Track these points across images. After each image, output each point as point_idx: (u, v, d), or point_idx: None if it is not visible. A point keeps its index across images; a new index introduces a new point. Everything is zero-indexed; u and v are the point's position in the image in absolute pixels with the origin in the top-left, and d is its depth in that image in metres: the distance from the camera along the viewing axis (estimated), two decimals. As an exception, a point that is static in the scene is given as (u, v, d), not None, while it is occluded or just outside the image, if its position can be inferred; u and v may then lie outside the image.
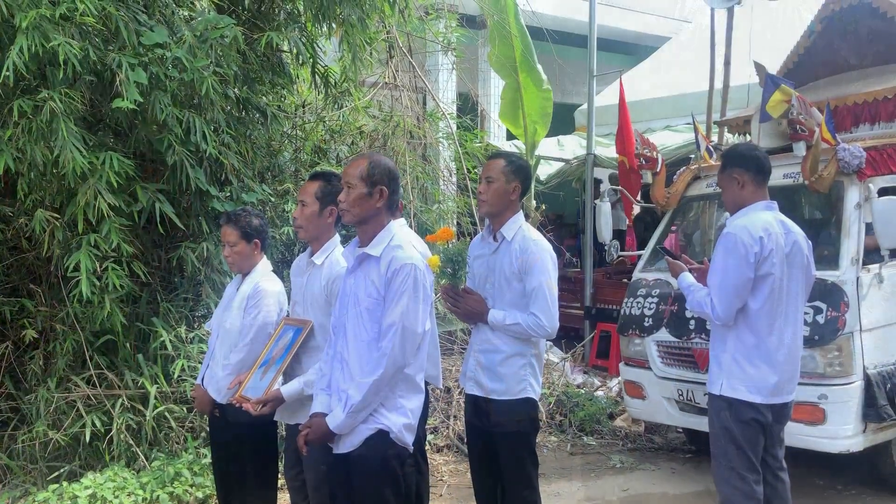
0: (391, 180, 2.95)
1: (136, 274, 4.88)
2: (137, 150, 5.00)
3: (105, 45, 4.43)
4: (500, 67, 8.61)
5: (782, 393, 3.48)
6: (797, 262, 3.49)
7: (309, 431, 2.89)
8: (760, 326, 3.44)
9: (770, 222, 3.45)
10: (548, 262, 3.42)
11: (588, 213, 8.43)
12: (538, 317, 3.35)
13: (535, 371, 3.49)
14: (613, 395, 6.97)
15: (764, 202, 3.53)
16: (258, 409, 3.23)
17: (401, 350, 2.80)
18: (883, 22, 5.40)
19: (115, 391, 4.92)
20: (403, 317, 2.79)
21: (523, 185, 3.51)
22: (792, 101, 4.81)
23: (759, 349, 3.45)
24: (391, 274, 2.82)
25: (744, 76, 6.67)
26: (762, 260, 3.38)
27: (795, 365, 3.53)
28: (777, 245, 3.41)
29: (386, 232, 2.94)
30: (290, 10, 5.75)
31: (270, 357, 3.35)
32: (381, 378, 2.78)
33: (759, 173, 3.54)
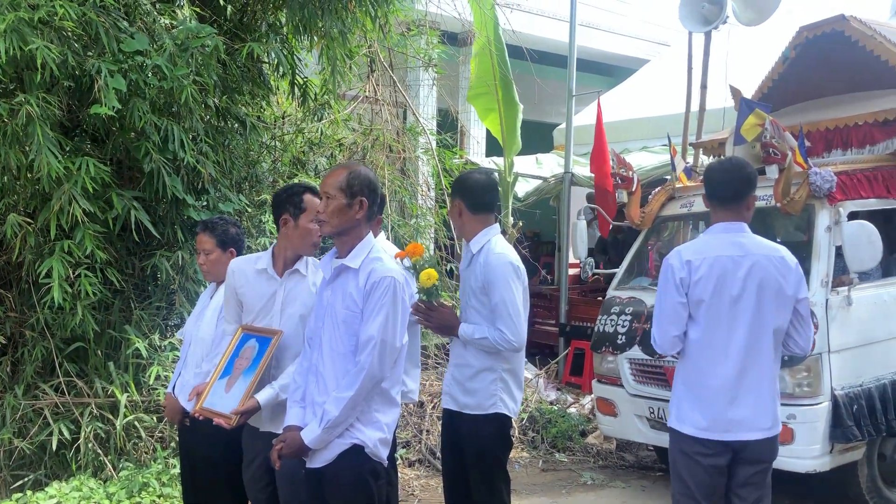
0: (371, 191, 2.89)
1: (110, 281, 4.84)
2: (114, 157, 4.98)
3: (84, 51, 4.42)
4: (476, 95, 8.65)
5: (719, 430, 3.13)
6: (754, 286, 3.12)
7: (283, 446, 2.83)
8: (697, 356, 3.20)
9: (711, 245, 3.20)
10: (509, 276, 3.37)
11: (564, 231, 8.49)
12: (503, 331, 3.34)
13: (509, 387, 3.44)
14: (586, 413, 6.99)
15: (724, 224, 3.24)
16: (234, 423, 3.08)
17: (379, 364, 2.77)
18: (855, 50, 5.51)
19: (85, 399, 4.86)
20: (382, 331, 2.76)
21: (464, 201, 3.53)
22: (766, 124, 4.89)
23: (696, 381, 3.21)
24: (370, 287, 2.79)
25: (720, 99, 6.77)
26: (691, 285, 3.16)
27: (747, 399, 3.12)
28: (712, 270, 3.14)
29: (365, 243, 2.89)
30: (271, 22, 5.76)
31: (233, 368, 3.20)
32: (359, 393, 2.75)
33: (712, 196, 3.30)
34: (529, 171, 9.51)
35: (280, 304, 3.24)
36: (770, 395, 3.18)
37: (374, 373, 2.76)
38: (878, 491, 4.85)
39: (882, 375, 4.77)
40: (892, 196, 5.13)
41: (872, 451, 4.79)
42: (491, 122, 8.80)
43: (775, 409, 3.20)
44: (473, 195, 3.53)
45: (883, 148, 5.33)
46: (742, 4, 7.03)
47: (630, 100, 10.70)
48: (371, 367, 2.75)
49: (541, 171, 9.64)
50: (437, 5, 8.06)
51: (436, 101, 9.45)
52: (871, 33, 5.44)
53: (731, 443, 3.14)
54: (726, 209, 3.25)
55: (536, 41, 10.46)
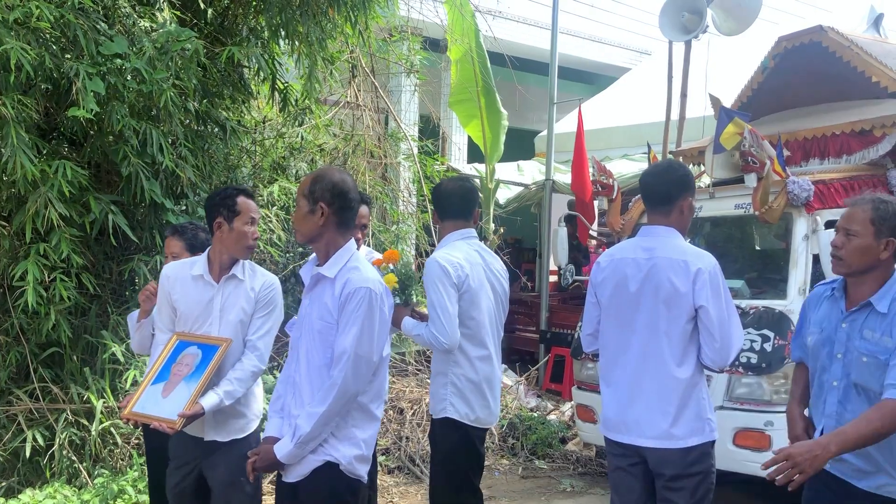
0: (335, 196, 2.74)
1: (86, 286, 4.79)
2: (92, 160, 4.93)
3: (62, 53, 4.37)
4: (457, 102, 8.67)
5: (617, 430, 3.13)
6: (651, 289, 3.08)
7: (257, 459, 2.77)
8: (603, 356, 3.26)
9: (623, 248, 3.25)
10: (436, 278, 3.40)
11: (545, 238, 8.51)
12: (434, 332, 3.40)
13: (460, 392, 3.46)
14: (566, 419, 7.00)
15: (647, 227, 3.23)
16: (179, 427, 3.04)
17: (353, 379, 2.67)
18: (832, 61, 5.57)
19: (60, 405, 4.80)
20: (356, 344, 2.66)
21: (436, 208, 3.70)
22: (745, 133, 4.94)
23: (602, 381, 3.26)
24: (345, 297, 2.68)
25: (700, 108, 6.82)
26: (597, 286, 3.25)
27: (640, 404, 3.07)
28: (614, 272, 3.18)
29: (343, 252, 2.77)
30: (252, 26, 5.74)
31: (170, 374, 3.15)
32: (331, 409, 2.65)
33: (643, 199, 3.28)
34: (511, 178, 9.54)
35: (218, 310, 3.19)
36: (669, 403, 3.03)
37: (347, 388, 2.66)
38: (854, 497, 4.88)
39: (858, 383, 4.80)
40: (868, 205, 5.19)
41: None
42: (472, 129, 8.82)
43: (679, 420, 3.03)
44: (439, 202, 3.65)
45: (859, 157, 5.39)
46: (722, 14, 7.11)
47: (611, 107, 10.77)
48: (344, 382, 2.65)
49: (522, 177, 9.68)
50: (419, 11, 8.07)
51: (418, 108, 9.45)
52: (847, 44, 5.51)
53: (630, 446, 3.11)
54: (656, 212, 3.19)
55: (518, 48, 10.52)
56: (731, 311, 3.06)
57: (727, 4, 7.02)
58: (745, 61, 7.05)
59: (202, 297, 3.21)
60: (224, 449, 3.18)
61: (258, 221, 3.31)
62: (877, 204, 2.71)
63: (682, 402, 3.04)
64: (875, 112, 5.36)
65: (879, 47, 5.88)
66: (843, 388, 2.77)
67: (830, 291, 2.91)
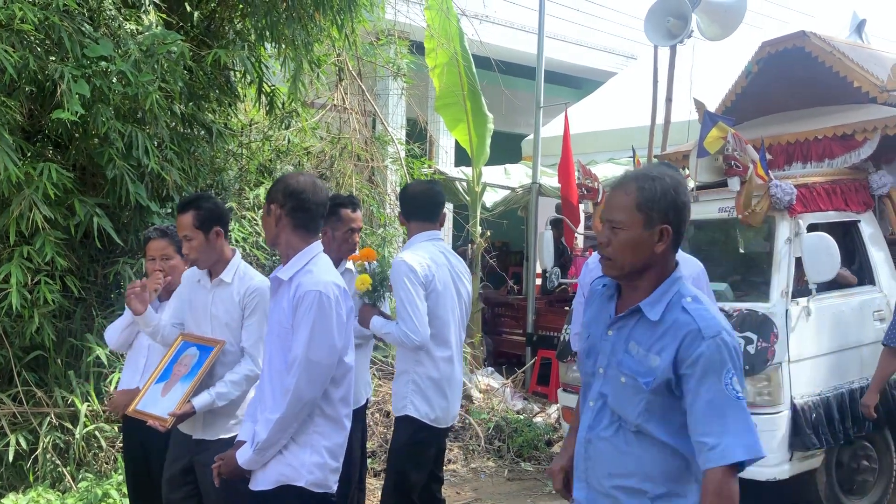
0: (287, 196, 2.73)
1: (71, 289, 4.77)
2: (77, 163, 4.91)
3: (47, 56, 4.36)
4: (444, 106, 8.70)
5: None
6: None
7: (222, 464, 2.75)
8: None
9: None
10: (403, 275, 3.46)
11: (532, 241, 8.54)
12: (404, 329, 3.43)
13: (422, 390, 3.52)
14: (552, 422, 7.02)
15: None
16: (169, 425, 3.15)
17: (307, 385, 2.60)
18: (815, 66, 5.63)
19: (43, 409, 4.77)
20: (308, 349, 2.60)
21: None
22: (728, 137, 4.97)
23: None
24: (296, 301, 2.64)
25: (685, 112, 6.87)
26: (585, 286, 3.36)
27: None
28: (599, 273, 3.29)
29: (302, 255, 2.74)
30: (238, 29, 5.74)
31: (171, 374, 3.27)
32: (286, 416, 2.60)
33: None
34: (498, 182, 9.56)
35: (210, 312, 3.29)
36: None
37: (301, 394, 2.60)
38: (836, 498, 4.92)
39: (839, 385, 4.85)
40: (850, 209, 5.24)
41: (831, 458, 4.87)
42: (459, 133, 8.84)
43: None
44: (406, 204, 3.73)
45: (841, 162, 5.44)
46: (706, 19, 7.16)
47: (597, 112, 10.82)
48: (297, 388, 2.59)
49: (509, 181, 9.70)
50: (405, 15, 8.09)
51: (405, 111, 9.47)
52: (829, 50, 5.57)
53: None
54: None
55: (505, 52, 10.54)
56: None
57: (712, 10, 7.08)
58: (730, 66, 7.11)
59: (200, 300, 3.33)
60: (213, 449, 3.19)
61: None
62: (641, 183, 2.09)
63: None
64: (857, 117, 5.41)
65: (861, 52, 5.95)
66: (597, 412, 2.20)
67: (603, 286, 2.31)
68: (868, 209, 5.38)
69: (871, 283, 5.21)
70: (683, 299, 2.08)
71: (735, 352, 2.02)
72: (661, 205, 2.08)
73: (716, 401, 1.97)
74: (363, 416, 4.29)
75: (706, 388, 1.97)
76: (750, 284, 5.20)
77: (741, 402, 2.00)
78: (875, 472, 5.08)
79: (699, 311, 2.04)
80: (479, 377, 7.59)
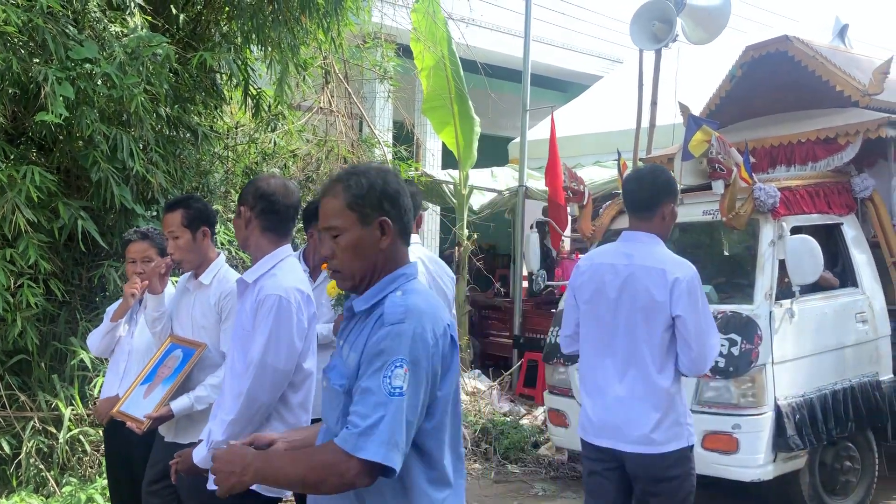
0: (257, 199, 2.70)
1: (55, 292, 4.74)
2: (62, 165, 4.89)
3: (30, 58, 4.34)
4: (431, 108, 8.71)
5: (595, 434, 3.17)
6: (628, 296, 3.10)
7: (179, 461, 2.72)
8: (583, 360, 3.29)
9: (604, 252, 3.29)
10: None
11: (518, 244, 8.56)
12: None
13: None
14: (538, 424, 7.03)
15: (627, 232, 3.23)
16: (145, 427, 3.14)
17: (260, 389, 2.57)
18: (798, 70, 5.68)
19: (27, 413, 4.74)
20: (263, 353, 2.57)
21: None
22: (712, 141, 5.00)
23: (582, 385, 3.29)
24: (257, 305, 2.62)
25: (670, 116, 6.91)
26: (576, 288, 3.28)
27: (619, 409, 3.09)
28: (592, 276, 3.20)
29: (268, 258, 2.72)
30: (224, 32, 5.73)
31: (155, 375, 3.27)
32: (239, 418, 2.58)
33: (625, 205, 3.33)
34: (485, 184, 9.57)
35: (190, 314, 3.30)
36: (650, 408, 3.04)
37: (254, 397, 2.57)
38: (820, 498, 4.96)
39: (823, 386, 4.89)
40: (833, 212, 5.29)
41: (814, 459, 4.90)
42: (446, 136, 8.86)
43: (660, 426, 3.03)
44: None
45: (824, 165, 5.48)
46: (691, 23, 7.22)
47: (583, 115, 10.85)
48: (250, 391, 2.56)
49: (496, 184, 9.72)
50: (392, 18, 8.09)
51: (391, 114, 9.47)
52: (812, 54, 5.61)
53: (608, 450, 3.12)
54: (637, 218, 3.19)
55: (491, 56, 10.57)
56: (709, 320, 3.08)
57: (697, 14, 7.14)
58: (714, 70, 7.15)
59: (183, 302, 3.35)
60: None
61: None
62: (346, 181, 1.95)
63: (663, 408, 3.04)
64: (839, 120, 5.46)
65: (844, 57, 6.01)
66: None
67: (346, 310, 2.07)
68: (851, 212, 5.43)
69: (854, 286, 5.25)
70: (394, 293, 1.90)
71: (421, 344, 1.80)
72: (372, 198, 1.93)
73: (371, 390, 1.77)
74: None
75: (368, 374, 1.79)
76: (734, 286, 5.24)
77: (394, 400, 1.75)
78: (858, 472, 5.12)
79: (394, 300, 1.87)
80: (466, 379, 7.60)
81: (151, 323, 3.41)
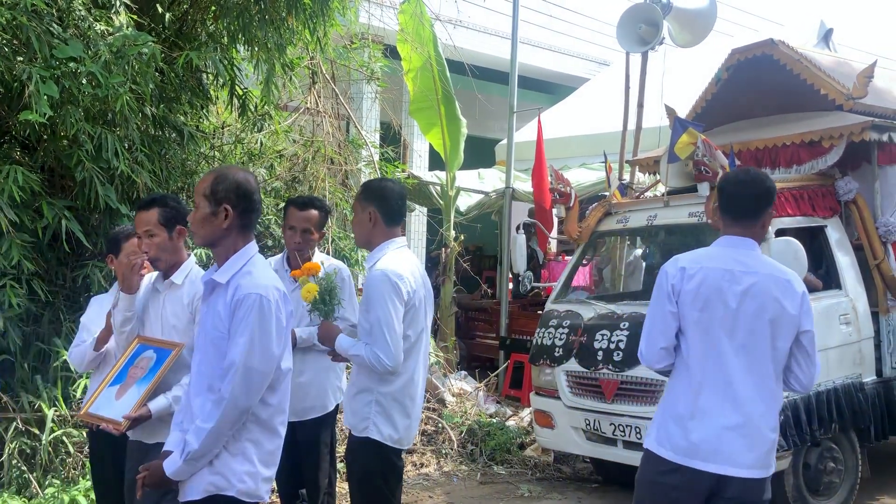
0: (239, 197, 2.60)
1: (38, 293, 4.70)
2: (46, 165, 4.85)
3: (14, 56, 4.30)
4: (418, 110, 8.72)
5: (699, 456, 2.81)
6: (753, 306, 2.83)
7: (147, 475, 2.59)
8: (683, 374, 2.93)
9: (712, 256, 2.95)
10: (383, 295, 3.15)
11: (505, 246, 8.57)
12: (377, 353, 3.14)
13: (387, 412, 3.22)
14: (524, 425, 7.04)
15: (731, 238, 2.96)
16: (123, 428, 3.08)
17: (243, 393, 2.48)
18: (783, 74, 5.72)
19: (9, 414, 4.70)
20: (245, 355, 2.48)
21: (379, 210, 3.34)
22: (698, 143, 5.04)
23: (681, 400, 2.92)
24: (234, 304, 2.51)
25: (656, 118, 6.95)
26: (682, 294, 2.90)
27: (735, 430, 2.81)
28: (706, 281, 2.88)
29: (239, 256, 2.63)
30: (211, 32, 5.71)
31: (127, 376, 3.19)
32: (220, 425, 2.48)
33: (725, 210, 3.00)
34: (471, 186, 9.59)
35: (160, 314, 3.26)
36: (770, 429, 2.85)
37: (237, 402, 2.48)
38: (804, 499, 4.99)
39: (807, 387, 4.91)
40: (817, 214, 5.33)
41: (798, 460, 4.94)
42: (433, 137, 8.86)
43: (770, 448, 2.86)
44: (391, 204, 3.33)
45: (808, 168, 5.52)
46: (678, 26, 7.26)
47: (570, 117, 10.90)
48: (233, 395, 2.47)
49: (483, 185, 9.73)
50: (379, 19, 8.09)
51: (378, 115, 9.46)
52: (797, 58, 5.66)
53: (710, 475, 2.80)
54: (739, 224, 2.95)
55: (478, 58, 10.59)
56: None
57: (683, 17, 7.18)
58: (700, 73, 7.19)
59: (152, 302, 3.31)
60: (153, 453, 3.03)
61: None
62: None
63: (777, 429, 2.90)
64: (824, 124, 5.50)
65: (828, 61, 6.06)
66: None
67: None
68: (835, 214, 5.48)
69: (838, 288, 5.29)
70: None
71: None
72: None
73: None
74: (332, 421, 4.20)
75: None
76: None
77: None
78: (841, 473, 5.16)
79: None
80: (453, 381, 7.60)
81: (121, 323, 3.30)
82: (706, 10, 7.24)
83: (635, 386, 5.08)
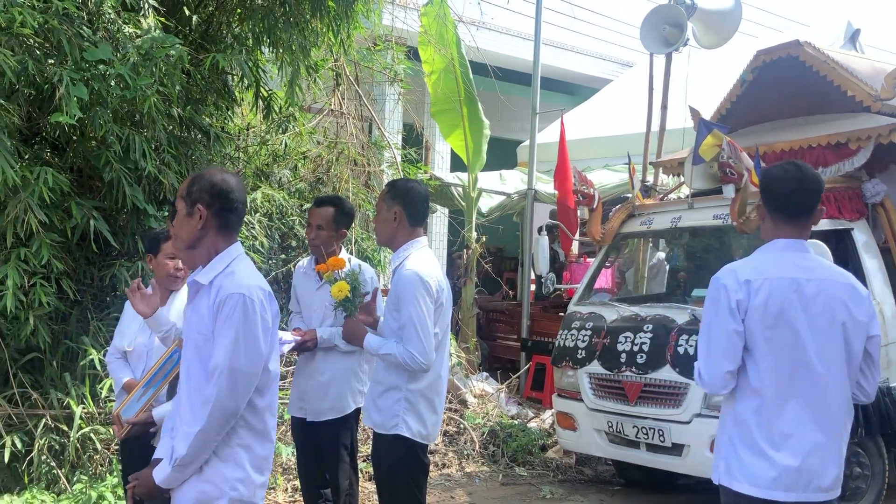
0: (214, 197, 2.52)
1: (67, 291, 4.77)
2: (75, 165, 4.92)
3: (46, 59, 4.37)
4: (440, 112, 8.75)
5: (783, 487, 2.61)
6: (825, 315, 2.63)
7: (137, 483, 2.54)
8: (753, 396, 2.67)
9: (771, 264, 2.70)
10: (415, 294, 3.19)
11: (527, 247, 8.57)
12: (411, 351, 3.18)
13: (416, 409, 3.28)
14: (546, 427, 7.04)
15: (785, 241, 2.73)
16: (123, 433, 3.05)
17: (229, 395, 2.40)
18: (809, 75, 5.67)
19: (39, 411, 4.77)
20: (230, 357, 2.40)
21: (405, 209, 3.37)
22: (723, 145, 5.01)
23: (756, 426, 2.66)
24: (217, 306, 2.44)
25: (680, 120, 6.91)
26: (749, 310, 2.64)
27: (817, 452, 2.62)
28: (775, 293, 2.63)
29: (222, 257, 2.55)
30: (237, 34, 5.76)
31: (154, 378, 3.21)
32: (207, 428, 2.39)
33: (776, 209, 2.75)
34: (493, 187, 9.60)
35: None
36: (842, 447, 2.67)
37: (223, 405, 2.39)
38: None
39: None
40: (843, 216, 5.28)
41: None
42: (455, 139, 8.88)
43: (841, 467, 2.68)
44: (416, 205, 3.38)
45: (835, 170, 5.47)
46: (702, 28, 7.22)
47: (593, 118, 10.87)
48: (218, 398, 2.39)
49: (504, 187, 9.74)
50: (402, 21, 8.12)
51: (401, 116, 9.50)
52: (823, 59, 5.60)
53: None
54: (794, 224, 2.71)
55: (501, 59, 10.59)
56: None
57: (707, 18, 7.14)
58: (725, 74, 7.15)
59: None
60: None
61: None
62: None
63: (845, 445, 2.72)
64: (850, 125, 5.45)
65: (855, 62, 6.00)
66: None
67: None
68: (861, 217, 5.42)
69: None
70: None
71: None
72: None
73: None
74: (352, 424, 4.19)
75: None
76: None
77: None
78: (868, 478, 5.10)
79: None
80: (474, 382, 7.61)
81: (161, 341, 3.36)
82: (731, 11, 7.19)
83: (659, 388, 5.06)
